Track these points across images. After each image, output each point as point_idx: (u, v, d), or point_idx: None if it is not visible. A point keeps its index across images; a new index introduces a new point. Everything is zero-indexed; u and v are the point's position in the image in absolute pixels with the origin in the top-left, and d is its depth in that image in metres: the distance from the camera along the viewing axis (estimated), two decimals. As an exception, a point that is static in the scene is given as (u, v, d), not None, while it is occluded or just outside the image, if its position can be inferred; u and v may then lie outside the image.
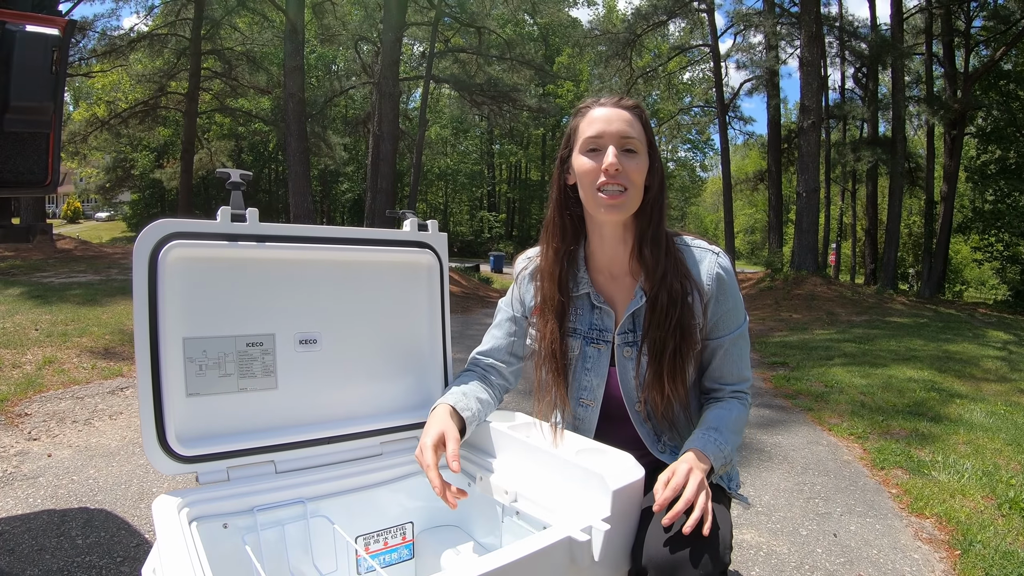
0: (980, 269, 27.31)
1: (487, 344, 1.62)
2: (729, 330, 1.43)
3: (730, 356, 1.44)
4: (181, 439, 1.28)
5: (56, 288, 7.21)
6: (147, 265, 1.21)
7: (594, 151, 1.34)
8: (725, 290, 1.41)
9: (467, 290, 12.58)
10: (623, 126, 1.33)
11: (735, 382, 1.45)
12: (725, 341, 1.43)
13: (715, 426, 1.34)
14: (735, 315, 1.43)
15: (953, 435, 3.54)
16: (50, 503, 2.21)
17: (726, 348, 1.43)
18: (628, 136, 1.33)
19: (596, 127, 1.34)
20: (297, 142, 12.58)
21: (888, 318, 10.42)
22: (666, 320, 1.36)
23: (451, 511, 1.60)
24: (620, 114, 1.34)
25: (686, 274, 1.39)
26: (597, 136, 1.33)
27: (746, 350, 1.47)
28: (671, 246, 1.41)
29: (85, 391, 3.62)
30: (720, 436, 1.32)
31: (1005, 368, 6.06)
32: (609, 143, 1.32)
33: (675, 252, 1.41)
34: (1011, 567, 2.00)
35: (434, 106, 33.81)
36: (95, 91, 21.74)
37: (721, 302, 1.41)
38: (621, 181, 1.32)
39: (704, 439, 1.30)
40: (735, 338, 1.44)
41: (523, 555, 0.98)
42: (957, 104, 16.67)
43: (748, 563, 2.06)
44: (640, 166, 1.34)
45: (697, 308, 1.39)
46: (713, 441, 1.30)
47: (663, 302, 1.36)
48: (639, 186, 1.35)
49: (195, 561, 0.99)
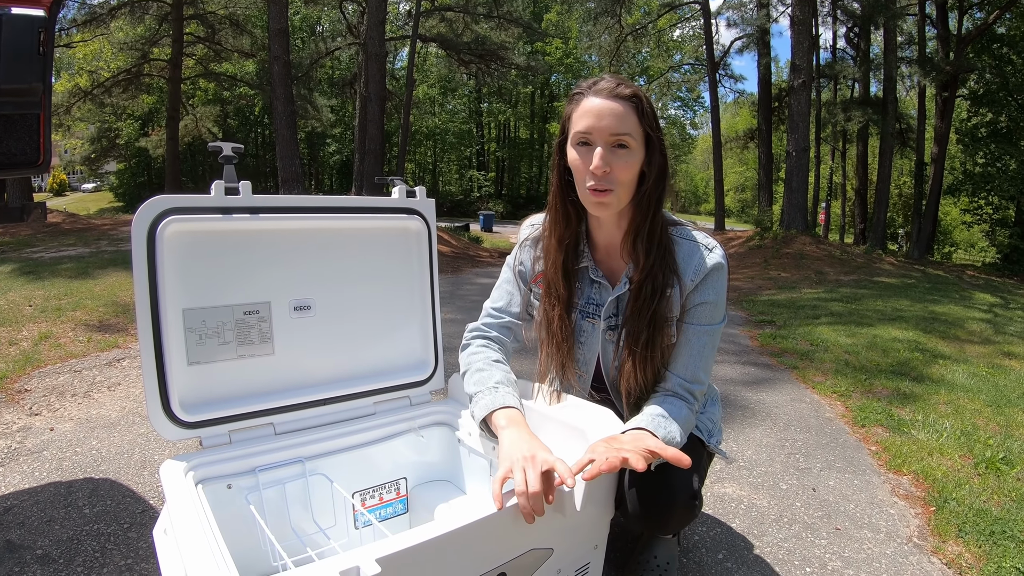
0: (969, 231, 27.42)
1: (502, 300, 1.60)
2: (698, 322, 1.41)
3: (690, 347, 1.41)
4: (184, 406, 1.34)
5: (47, 263, 7.19)
6: (145, 240, 1.25)
7: (585, 145, 1.32)
8: (707, 285, 1.39)
9: (457, 250, 12.57)
10: (613, 122, 1.29)
11: (687, 378, 1.41)
12: (689, 330, 1.41)
13: (661, 413, 1.33)
14: (710, 312, 1.41)
15: (934, 395, 3.62)
16: (56, 476, 2.27)
17: (688, 337, 1.41)
18: (618, 133, 1.29)
19: (586, 122, 1.30)
20: (283, 105, 12.42)
21: (876, 278, 10.51)
22: (645, 310, 1.37)
23: (443, 466, 1.69)
24: (612, 108, 1.29)
25: (673, 268, 1.39)
26: (587, 132, 1.30)
27: (709, 354, 1.43)
28: (664, 237, 1.39)
29: (83, 364, 3.67)
30: (667, 422, 1.31)
31: (990, 331, 6.14)
32: (598, 140, 1.30)
33: (667, 244, 1.39)
34: (984, 524, 2.07)
35: (421, 65, 33.28)
36: (76, 61, 21.27)
37: (699, 293, 1.39)
38: (607, 185, 1.30)
39: (652, 421, 1.30)
40: (700, 331, 1.41)
41: (509, 505, 1.05)
42: (949, 66, 16.54)
43: (729, 515, 2.15)
44: (630, 163, 1.31)
45: (675, 302, 1.39)
46: (662, 425, 1.29)
47: (646, 293, 1.37)
48: (627, 183, 1.33)
49: (204, 520, 1.05)
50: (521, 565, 1.13)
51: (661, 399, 1.38)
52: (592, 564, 1.35)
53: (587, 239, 1.50)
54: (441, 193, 40.03)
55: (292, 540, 1.42)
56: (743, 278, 10.46)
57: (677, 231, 1.43)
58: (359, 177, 14.61)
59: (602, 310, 1.48)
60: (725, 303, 1.43)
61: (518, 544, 1.12)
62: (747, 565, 1.84)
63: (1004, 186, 16.83)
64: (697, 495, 1.34)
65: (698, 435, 1.54)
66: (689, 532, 2.01)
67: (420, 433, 1.67)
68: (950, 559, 1.91)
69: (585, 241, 1.50)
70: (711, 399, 1.67)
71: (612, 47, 21.70)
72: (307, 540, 1.45)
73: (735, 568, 1.82)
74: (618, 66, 22.27)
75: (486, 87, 26.91)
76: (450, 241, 13.40)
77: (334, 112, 27.01)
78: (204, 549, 0.95)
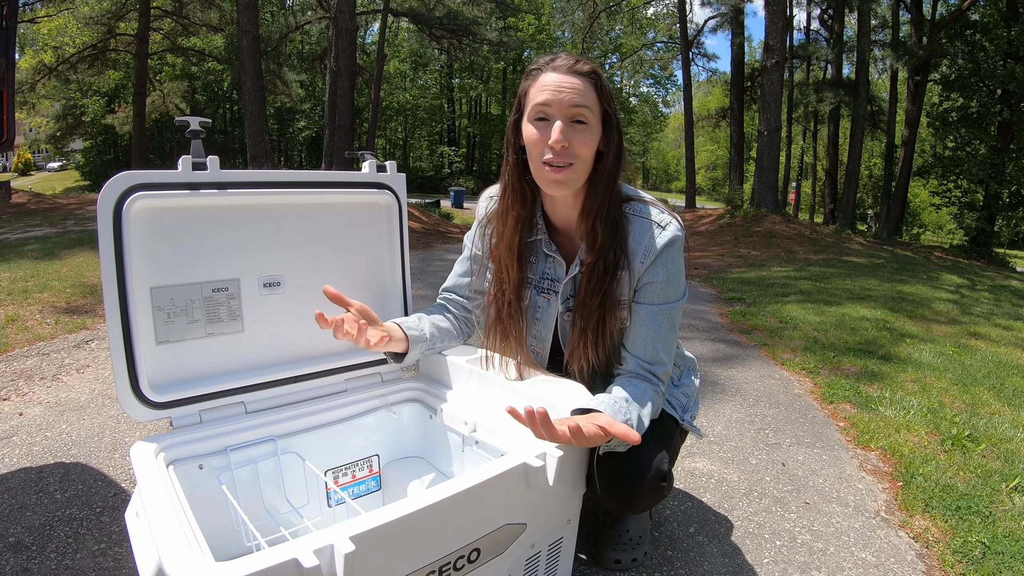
0: (938, 213, 27.94)
1: (451, 280, 1.65)
2: (652, 301, 1.38)
3: (645, 327, 1.38)
4: (153, 386, 1.32)
5: (12, 244, 7.01)
6: (111, 218, 1.22)
7: (542, 120, 1.30)
8: (659, 262, 1.36)
9: (428, 226, 12.47)
10: (573, 96, 1.27)
11: (647, 359, 1.38)
12: (643, 310, 1.39)
13: (625, 397, 1.30)
14: (665, 290, 1.38)
15: (901, 373, 3.69)
16: (26, 461, 2.23)
17: (643, 317, 1.39)
18: (578, 106, 1.27)
19: (544, 95, 1.28)
20: (252, 81, 12.14)
21: (845, 257, 10.66)
22: (597, 291, 1.37)
23: (415, 443, 1.69)
24: (571, 82, 1.27)
25: (624, 247, 1.37)
26: (545, 104, 1.28)
27: (667, 332, 1.39)
28: (617, 214, 1.38)
29: (50, 347, 3.59)
30: (629, 405, 1.28)
31: (956, 311, 6.25)
32: (557, 114, 1.27)
33: (619, 221, 1.38)
34: (949, 499, 2.13)
35: (392, 40, 32.75)
36: (41, 37, 20.60)
37: (652, 271, 1.37)
38: (566, 159, 1.28)
39: (613, 405, 1.28)
40: (656, 311, 1.38)
41: (481, 481, 1.05)
42: (922, 51, 16.74)
43: (700, 489, 2.18)
44: (589, 139, 1.30)
45: (625, 284, 1.38)
46: (623, 410, 1.27)
47: (598, 272, 1.36)
48: (586, 159, 1.31)
49: (176, 502, 1.05)
50: (495, 540, 1.14)
51: (625, 380, 1.36)
52: (565, 539, 1.36)
53: (543, 217, 1.49)
54: (412, 169, 39.55)
55: (265, 519, 1.42)
56: (713, 255, 10.55)
57: (631, 207, 1.41)
58: (329, 153, 14.38)
59: (559, 286, 1.47)
60: (683, 279, 1.41)
61: (492, 520, 1.13)
62: (718, 538, 1.88)
63: (973, 170, 17.15)
64: (666, 476, 1.34)
65: (671, 412, 1.54)
66: (661, 507, 2.04)
67: (392, 410, 1.67)
68: (917, 533, 1.96)
69: (541, 214, 1.48)
70: (687, 369, 1.67)
71: (586, 24, 21.64)
72: (280, 519, 1.45)
73: (706, 542, 1.86)
74: (591, 43, 22.25)
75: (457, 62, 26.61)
76: (420, 217, 13.28)
77: (304, 87, 26.55)
78: (177, 531, 0.94)
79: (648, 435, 1.32)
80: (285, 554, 0.83)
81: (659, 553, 1.79)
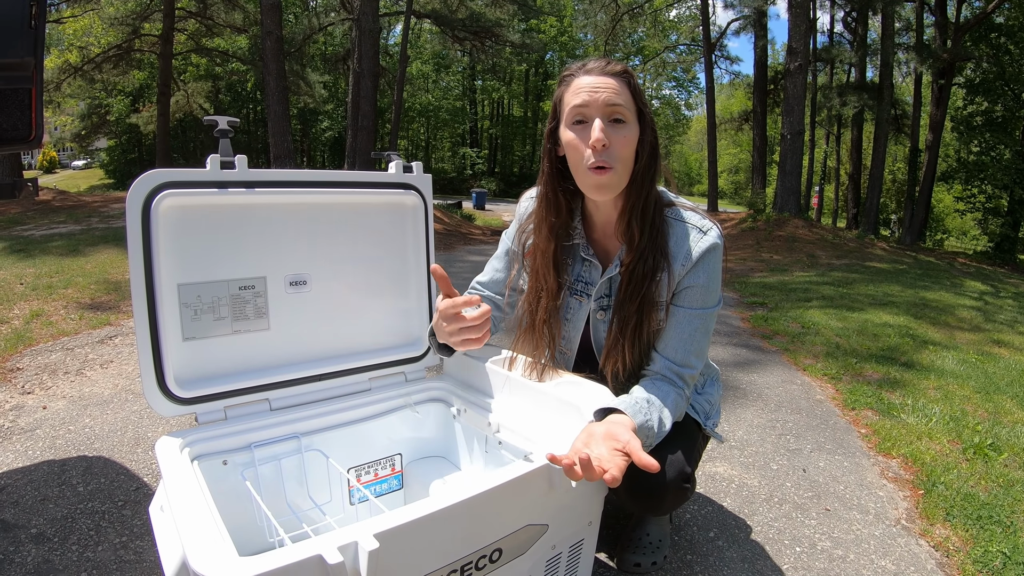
0: (962, 219, 27.49)
1: (487, 275, 1.64)
2: (689, 305, 1.39)
3: (680, 329, 1.39)
4: (179, 382, 1.34)
5: (38, 241, 7.14)
6: (140, 215, 1.24)
7: (580, 123, 1.30)
8: (700, 267, 1.37)
9: (449, 227, 12.51)
10: (610, 95, 1.27)
11: (677, 361, 1.38)
12: (679, 312, 1.39)
13: (647, 398, 1.30)
14: (701, 295, 1.38)
15: (924, 380, 3.64)
16: (49, 454, 2.26)
17: (678, 320, 1.39)
18: (615, 104, 1.27)
19: (581, 97, 1.28)
20: (275, 81, 12.26)
21: (868, 263, 10.54)
22: (636, 293, 1.36)
23: (438, 442, 1.70)
24: (607, 82, 1.28)
25: (664, 251, 1.37)
26: (583, 105, 1.28)
27: (701, 338, 1.40)
28: (658, 219, 1.38)
29: (75, 342, 3.64)
30: (651, 407, 1.28)
31: (980, 318, 6.16)
32: (595, 114, 1.28)
33: (660, 225, 1.38)
34: (971, 508, 2.10)
35: (415, 42, 32.91)
36: (66, 37, 20.93)
37: (692, 275, 1.37)
38: (608, 161, 1.28)
39: (634, 405, 1.27)
40: (692, 315, 1.38)
41: (504, 481, 1.05)
42: (946, 54, 16.49)
43: (720, 494, 2.17)
44: (628, 137, 1.30)
45: (664, 287, 1.38)
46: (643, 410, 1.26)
47: (637, 275, 1.36)
48: (627, 160, 1.31)
49: (200, 496, 1.05)
50: (517, 541, 1.14)
51: (649, 382, 1.37)
52: (586, 540, 1.36)
53: (582, 219, 1.49)
54: (434, 170, 39.67)
55: (288, 516, 1.43)
56: (735, 259, 10.49)
57: (672, 212, 1.41)
58: (351, 154, 14.48)
59: (592, 289, 1.47)
60: (719, 285, 1.41)
61: (514, 520, 1.12)
62: (738, 543, 1.86)
63: (998, 175, 16.90)
64: (690, 478, 1.34)
65: (695, 417, 1.53)
66: (681, 511, 2.03)
67: (415, 409, 1.67)
68: (937, 542, 1.93)
69: (580, 218, 1.48)
70: (711, 379, 1.66)
71: (608, 26, 21.58)
72: (303, 516, 1.46)
73: (726, 546, 1.84)
74: (614, 45, 22.17)
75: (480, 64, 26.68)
76: (442, 218, 13.35)
77: (327, 88, 26.72)
78: (201, 525, 0.95)
79: (672, 437, 1.31)
80: (310, 550, 0.84)
81: (679, 557, 1.78)
